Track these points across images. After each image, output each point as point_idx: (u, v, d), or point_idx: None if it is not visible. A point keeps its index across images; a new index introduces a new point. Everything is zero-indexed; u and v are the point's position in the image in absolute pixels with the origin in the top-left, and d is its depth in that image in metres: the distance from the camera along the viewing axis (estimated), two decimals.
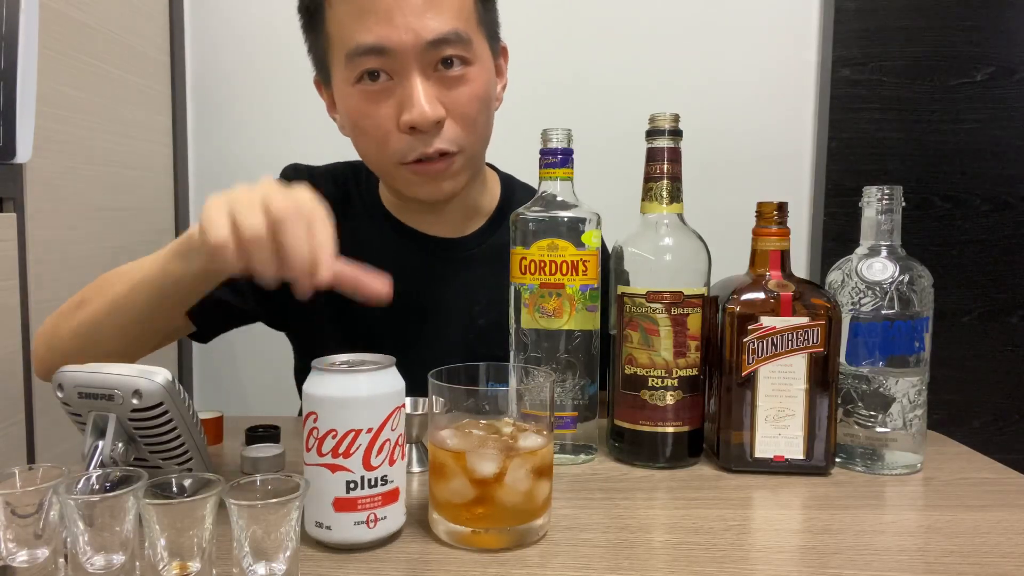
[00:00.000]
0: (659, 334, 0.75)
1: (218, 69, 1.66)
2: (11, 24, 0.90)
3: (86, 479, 0.50)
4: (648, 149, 0.78)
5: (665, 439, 0.76)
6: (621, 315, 0.77)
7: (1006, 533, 0.62)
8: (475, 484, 0.58)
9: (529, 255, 0.76)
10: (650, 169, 0.78)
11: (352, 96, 0.84)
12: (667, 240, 0.77)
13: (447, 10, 0.80)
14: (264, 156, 1.65)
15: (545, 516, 0.61)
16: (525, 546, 0.59)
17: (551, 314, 0.76)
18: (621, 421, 0.78)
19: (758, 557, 0.58)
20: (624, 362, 0.77)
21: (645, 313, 0.75)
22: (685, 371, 0.75)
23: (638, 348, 0.76)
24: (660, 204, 0.77)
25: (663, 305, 0.75)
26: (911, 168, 1.75)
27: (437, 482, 0.60)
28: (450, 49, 0.80)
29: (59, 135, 1.17)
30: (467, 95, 0.83)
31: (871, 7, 1.69)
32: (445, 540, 0.60)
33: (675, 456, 0.77)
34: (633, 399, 0.76)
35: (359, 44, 0.79)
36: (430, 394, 0.61)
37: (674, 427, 0.76)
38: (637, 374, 0.76)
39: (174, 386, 0.59)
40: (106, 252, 1.32)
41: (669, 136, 0.77)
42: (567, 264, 0.76)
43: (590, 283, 0.77)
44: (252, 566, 0.47)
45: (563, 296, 0.76)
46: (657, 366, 0.75)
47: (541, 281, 0.76)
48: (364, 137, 0.86)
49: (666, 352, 0.75)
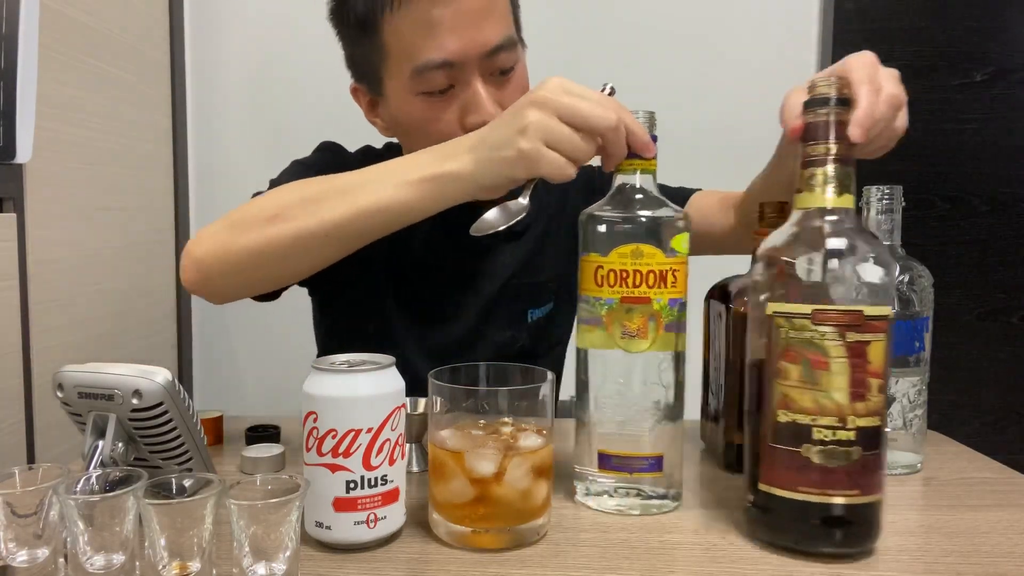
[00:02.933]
0: (829, 368, 0.55)
1: (218, 69, 1.66)
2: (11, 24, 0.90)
3: (86, 479, 0.50)
4: (806, 125, 0.59)
5: (836, 514, 0.56)
6: (772, 341, 0.58)
7: (1006, 533, 0.62)
8: (474, 484, 0.58)
9: (608, 263, 0.63)
10: (809, 150, 0.59)
11: (415, 104, 0.85)
12: (837, 243, 0.57)
13: (499, 17, 0.84)
14: (264, 156, 1.65)
15: (545, 516, 0.61)
16: (525, 546, 0.59)
17: (634, 335, 0.63)
18: (769, 486, 0.58)
19: (758, 557, 0.58)
20: (777, 405, 0.57)
21: (810, 339, 0.56)
22: (865, 420, 0.55)
23: (798, 387, 0.56)
24: (823, 195, 0.58)
25: (836, 329, 0.55)
26: (911, 168, 1.75)
27: (437, 482, 0.60)
28: (505, 54, 0.84)
29: (59, 135, 1.17)
30: (516, 91, 0.87)
31: (871, 7, 1.70)
32: (445, 540, 0.60)
33: (849, 539, 0.57)
34: (790, 457, 0.56)
35: (429, 60, 0.81)
36: (430, 394, 0.60)
37: (848, 497, 0.56)
38: (796, 422, 0.56)
39: (174, 386, 0.59)
40: (106, 252, 1.32)
41: (837, 105, 0.58)
42: (654, 274, 0.63)
43: (679, 296, 0.64)
44: (252, 566, 0.47)
45: (648, 312, 0.63)
46: (826, 412, 0.55)
47: (623, 295, 0.63)
48: (427, 140, 0.85)
49: (838, 393, 0.55)
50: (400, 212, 0.70)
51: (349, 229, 0.71)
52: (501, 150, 0.65)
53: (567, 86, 0.65)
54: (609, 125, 0.62)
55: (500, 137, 0.65)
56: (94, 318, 1.26)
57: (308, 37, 1.58)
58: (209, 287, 0.77)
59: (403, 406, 0.60)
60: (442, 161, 0.68)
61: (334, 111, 1.59)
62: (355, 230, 0.71)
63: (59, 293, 1.15)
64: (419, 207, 0.69)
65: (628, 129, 0.63)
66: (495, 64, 0.84)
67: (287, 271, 0.76)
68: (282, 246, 0.72)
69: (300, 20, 1.59)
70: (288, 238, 0.71)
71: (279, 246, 0.72)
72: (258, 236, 0.72)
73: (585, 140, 0.63)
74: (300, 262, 0.75)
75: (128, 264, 1.41)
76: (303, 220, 0.71)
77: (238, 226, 0.75)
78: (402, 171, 0.70)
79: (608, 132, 0.63)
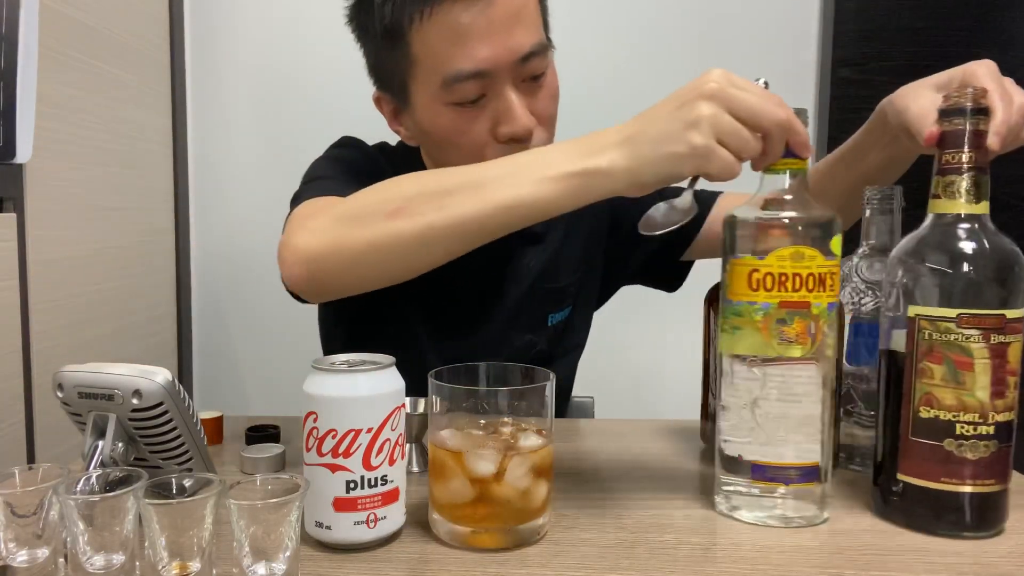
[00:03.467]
0: (973, 369, 0.59)
1: (218, 69, 1.66)
2: (11, 24, 0.90)
3: (86, 479, 0.50)
4: (944, 133, 0.61)
5: (973, 501, 0.60)
6: (914, 342, 0.61)
7: (1006, 533, 0.62)
8: (474, 484, 0.58)
9: (764, 267, 0.61)
10: (947, 158, 0.61)
11: (444, 114, 0.83)
12: (976, 247, 0.60)
13: (530, 23, 0.82)
14: (264, 156, 1.65)
15: (545, 516, 0.61)
16: (526, 546, 0.59)
17: (792, 340, 0.62)
18: (909, 476, 0.62)
19: (758, 557, 0.58)
20: (919, 403, 0.61)
21: (954, 342, 0.59)
22: (1003, 415, 0.60)
23: (942, 386, 0.60)
24: (962, 202, 0.61)
25: (980, 332, 0.59)
26: (911, 168, 1.75)
27: (436, 482, 0.60)
28: (536, 60, 0.82)
29: (59, 135, 1.17)
30: (548, 99, 0.86)
31: (871, 7, 1.69)
32: (446, 540, 0.60)
33: (982, 523, 0.61)
34: (932, 450, 0.61)
35: (460, 71, 0.79)
36: (430, 394, 0.60)
37: (985, 486, 0.60)
38: (939, 419, 0.60)
39: (174, 386, 0.59)
40: (106, 252, 1.32)
41: (973, 116, 0.60)
42: (813, 277, 0.61)
43: (835, 300, 0.62)
44: (252, 566, 0.47)
45: (808, 317, 0.62)
46: (969, 409, 0.59)
47: (781, 299, 0.61)
48: (457, 151, 0.85)
49: (981, 392, 0.59)
50: (541, 209, 0.65)
51: (484, 225, 0.66)
52: (668, 145, 0.60)
53: (732, 79, 0.61)
54: (780, 121, 0.59)
55: (666, 131, 0.61)
56: (94, 318, 1.26)
57: (308, 37, 1.58)
58: (317, 283, 0.73)
59: (403, 406, 0.60)
60: (587, 156, 0.63)
61: (334, 111, 1.59)
62: (490, 227, 0.66)
63: (59, 293, 1.15)
64: (561, 204, 0.65)
65: (792, 127, 0.61)
66: (527, 71, 0.82)
67: (408, 267, 0.71)
68: (406, 241, 0.67)
69: (301, 20, 1.59)
70: (414, 233, 0.67)
71: (403, 241, 0.67)
72: (380, 231, 0.68)
73: (754, 136, 0.60)
74: (423, 258, 0.70)
75: (128, 264, 1.41)
76: (431, 215, 0.66)
77: (356, 219, 0.70)
78: (541, 166, 0.65)
79: (775, 129, 0.60)
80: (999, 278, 0.60)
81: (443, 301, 0.96)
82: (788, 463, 0.63)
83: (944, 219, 0.61)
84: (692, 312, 0.90)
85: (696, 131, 0.59)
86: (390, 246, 0.68)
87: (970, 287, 0.60)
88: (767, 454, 0.63)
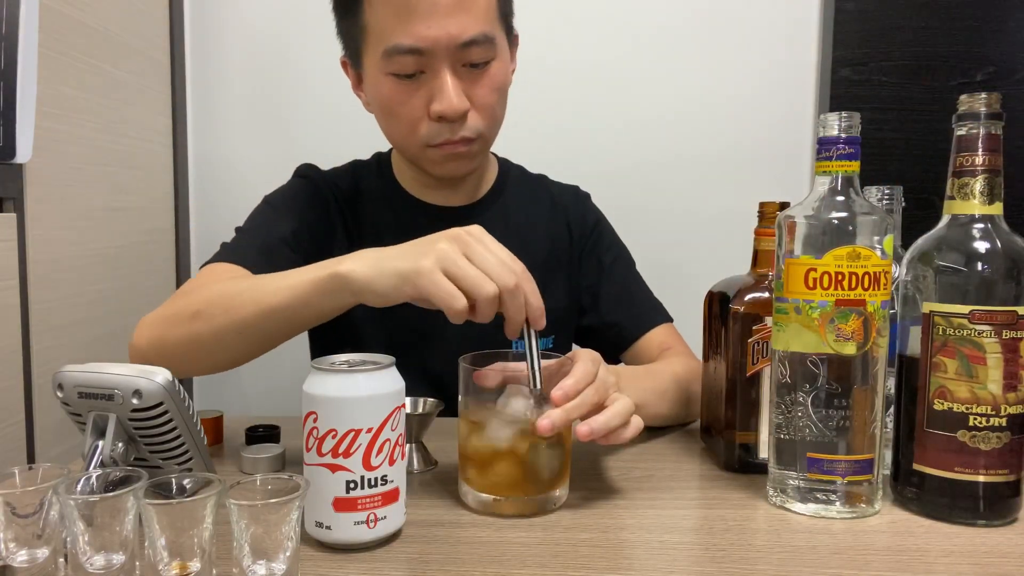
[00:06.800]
0: (986, 363, 0.62)
1: (218, 69, 1.66)
2: (11, 24, 0.90)
3: (86, 479, 0.50)
4: (958, 137, 0.65)
5: (986, 490, 0.63)
6: (929, 338, 0.64)
7: (1006, 533, 0.62)
8: (498, 455, 0.64)
9: (822, 266, 0.63)
10: (962, 161, 0.65)
11: (385, 84, 0.89)
12: (988, 246, 0.63)
13: (478, 12, 0.86)
14: (264, 156, 1.65)
15: (563, 487, 0.67)
16: (545, 514, 0.65)
17: (849, 337, 0.64)
18: (924, 466, 0.65)
19: (758, 557, 0.58)
20: (934, 396, 0.64)
21: (967, 337, 0.62)
22: (1015, 407, 0.63)
23: (955, 379, 0.63)
24: (972, 203, 0.64)
25: (992, 328, 0.62)
26: (911, 168, 1.75)
27: (464, 453, 0.67)
28: (478, 49, 0.86)
29: (59, 135, 1.17)
30: (489, 88, 0.90)
31: (871, 7, 1.69)
32: (474, 508, 0.66)
33: (996, 511, 0.64)
34: (946, 441, 0.64)
35: (398, 44, 0.84)
36: (460, 375, 0.66)
37: (998, 475, 0.63)
38: (953, 411, 0.63)
39: (174, 386, 0.59)
40: (106, 252, 1.32)
41: (987, 120, 0.63)
42: (869, 276, 0.63)
43: (887, 299, 0.65)
44: (252, 566, 0.47)
45: (864, 315, 0.64)
46: (982, 402, 0.63)
47: (837, 298, 0.64)
48: (395, 121, 0.92)
49: (993, 385, 0.62)
50: (296, 310, 0.69)
51: (260, 327, 0.72)
52: (401, 263, 0.64)
53: (486, 238, 0.66)
54: (506, 285, 0.63)
55: (405, 253, 0.65)
56: (94, 318, 1.26)
57: (308, 37, 1.58)
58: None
59: (403, 406, 0.60)
60: (341, 261, 0.67)
61: (334, 111, 1.59)
62: (266, 328, 0.72)
63: (59, 293, 1.15)
64: (313, 305, 0.68)
65: (525, 295, 0.64)
66: (467, 57, 0.86)
67: (218, 362, 0.76)
68: (206, 341, 0.74)
69: (300, 20, 1.59)
70: (209, 335, 0.73)
71: (203, 342, 0.74)
72: (185, 332, 0.75)
73: (484, 280, 0.63)
74: (226, 356, 0.75)
75: (128, 264, 1.41)
76: (219, 319, 0.73)
77: (169, 320, 0.77)
78: (306, 271, 0.69)
79: (504, 292, 0.63)
80: (1011, 276, 0.62)
81: (413, 337, 0.99)
82: (842, 456, 0.65)
83: (959, 219, 0.65)
84: (692, 312, 0.91)
85: (426, 258, 0.63)
86: (195, 346, 0.75)
87: (983, 284, 0.62)
88: (821, 448, 0.65)
